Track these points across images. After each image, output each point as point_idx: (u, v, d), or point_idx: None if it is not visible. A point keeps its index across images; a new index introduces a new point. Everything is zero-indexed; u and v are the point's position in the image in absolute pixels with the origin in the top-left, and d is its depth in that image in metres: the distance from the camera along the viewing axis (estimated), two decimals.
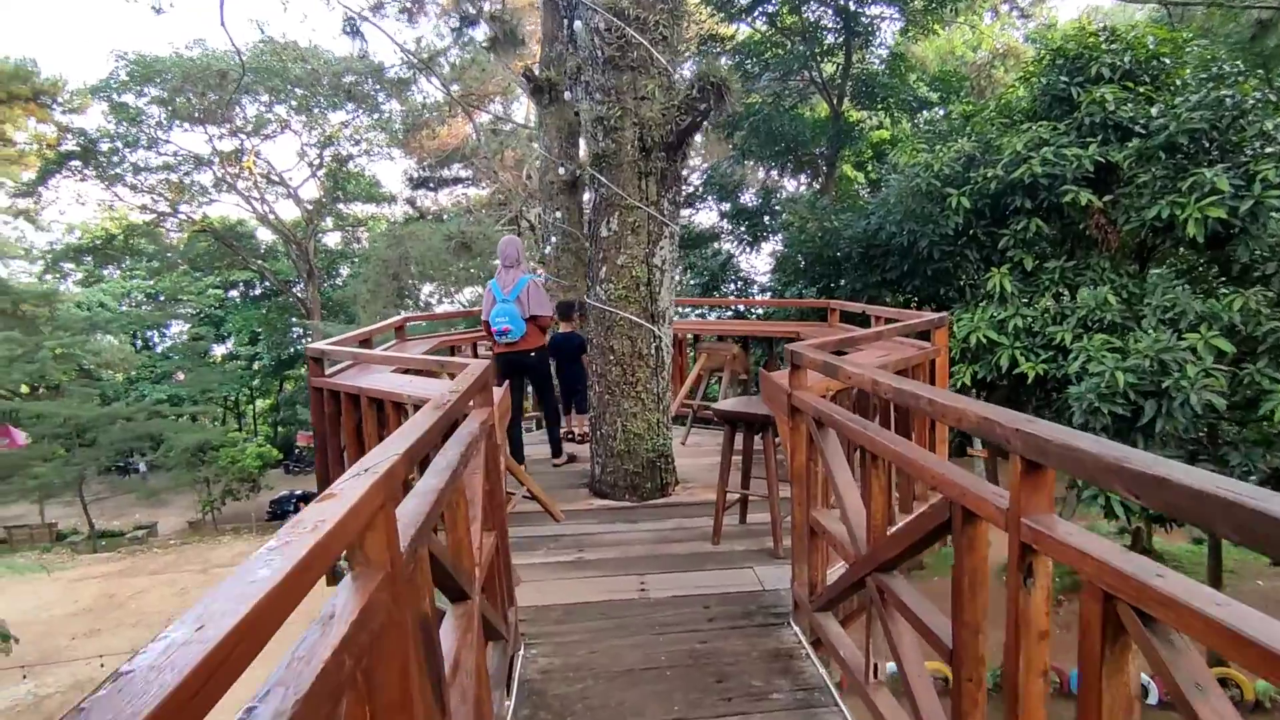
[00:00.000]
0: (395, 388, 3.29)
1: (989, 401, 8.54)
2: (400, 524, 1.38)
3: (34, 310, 24.47)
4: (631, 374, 4.54)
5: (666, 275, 4.63)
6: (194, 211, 28.44)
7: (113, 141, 24.32)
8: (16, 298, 23.83)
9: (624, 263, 4.50)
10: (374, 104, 24.31)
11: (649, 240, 4.52)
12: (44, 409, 24.05)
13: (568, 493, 4.82)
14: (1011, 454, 1.35)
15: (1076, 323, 7.68)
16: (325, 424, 3.64)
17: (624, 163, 4.47)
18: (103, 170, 25.24)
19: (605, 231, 4.57)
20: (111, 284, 36.00)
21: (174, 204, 26.11)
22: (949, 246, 8.81)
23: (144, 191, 26.71)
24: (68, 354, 25.59)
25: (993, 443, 1.43)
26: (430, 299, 31.82)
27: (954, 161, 8.77)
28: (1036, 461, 1.29)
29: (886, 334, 3.52)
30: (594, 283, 4.67)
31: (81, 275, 35.69)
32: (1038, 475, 1.32)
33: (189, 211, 28.29)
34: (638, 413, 4.56)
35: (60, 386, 26.49)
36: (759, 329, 6.03)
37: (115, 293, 35.94)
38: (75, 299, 33.11)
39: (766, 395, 3.21)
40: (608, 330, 4.56)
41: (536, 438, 6.58)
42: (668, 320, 4.68)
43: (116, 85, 23.17)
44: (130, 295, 36.64)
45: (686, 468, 5.17)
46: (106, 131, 24.12)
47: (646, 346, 4.56)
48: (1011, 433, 1.34)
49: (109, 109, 24.01)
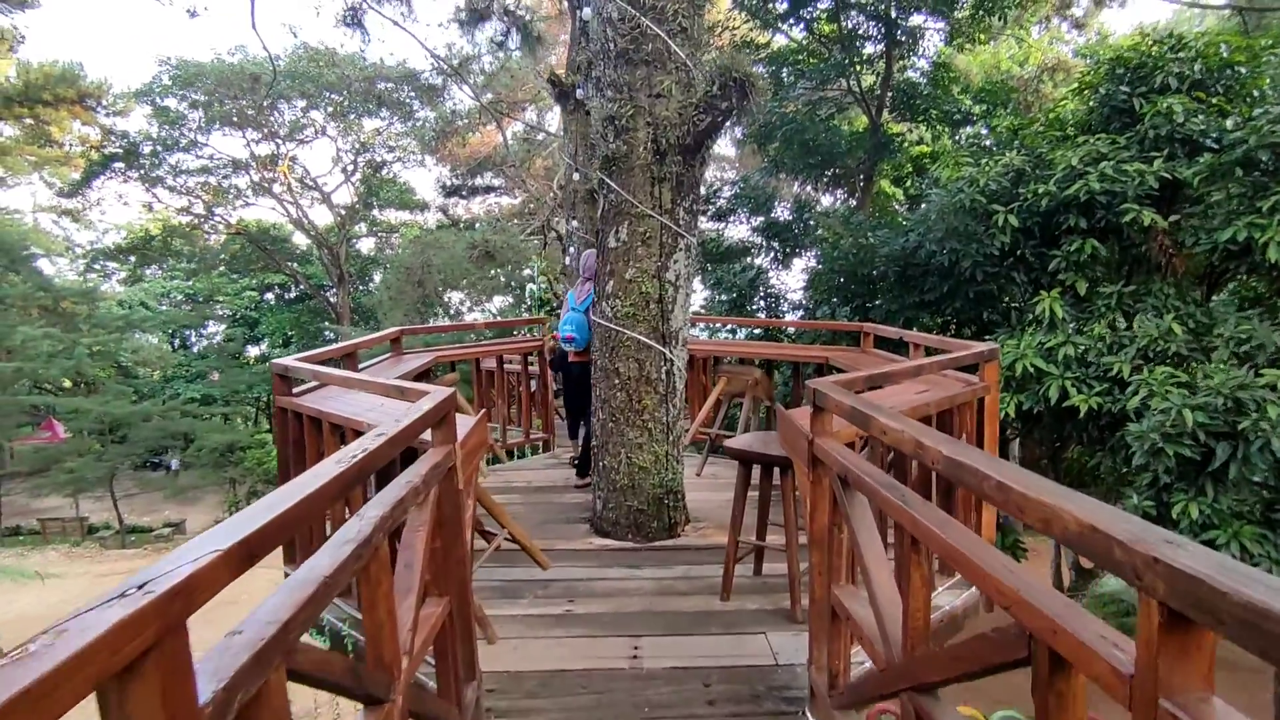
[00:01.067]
0: (359, 414, 2.89)
1: (1034, 436, 7.94)
2: (228, 651, 0.95)
3: (73, 308, 24.98)
4: (638, 400, 4.09)
5: (681, 292, 4.18)
6: (230, 215, 28.89)
7: (154, 144, 24.78)
8: (57, 295, 24.35)
9: (633, 277, 4.06)
10: (408, 111, 24.41)
11: (661, 252, 4.08)
12: (80, 404, 24.45)
13: (566, 529, 4.38)
14: (1141, 592, 0.87)
15: (1136, 353, 7.03)
16: (289, 449, 3.26)
17: (635, 166, 4.04)
18: (145, 172, 25.73)
19: (614, 242, 4.14)
20: (153, 284, 36.84)
21: (209, 206, 26.49)
22: (994, 267, 8.20)
23: (183, 193, 27.18)
24: (105, 351, 26.02)
25: (1104, 567, 0.94)
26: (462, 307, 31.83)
27: (1001, 176, 8.18)
28: (1190, 617, 0.81)
29: (929, 368, 3.02)
30: (600, 298, 4.24)
31: (124, 274, 36.61)
32: (1191, 635, 0.83)
33: (225, 214, 28.73)
34: (644, 444, 4.10)
35: (95, 383, 26.98)
36: (784, 352, 5.54)
37: (155, 292, 36.78)
38: (118, 298, 33.93)
39: (785, 439, 2.73)
40: (613, 351, 4.12)
41: (540, 461, 6.15)
42: (681, 341, 4.22)
43: (159, 89, 23.62)
44: (169, 295, 37.48)
45: (700, 503, 4.70)
46: (147, 134, 24.58)
47: (656, 370, 4.10)
48: (1144, 562, 0.86)
49: (152, 112, 24.49)
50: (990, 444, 3.42)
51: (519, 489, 5.20)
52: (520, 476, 5.52)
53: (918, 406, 2.88)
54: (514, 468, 5.85)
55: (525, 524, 4.38)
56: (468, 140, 23.17)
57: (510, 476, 5.50)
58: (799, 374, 5.65)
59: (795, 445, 2.49)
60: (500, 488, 5.21)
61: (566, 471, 5.67)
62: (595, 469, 4.32)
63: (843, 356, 5.07)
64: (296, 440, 3.20)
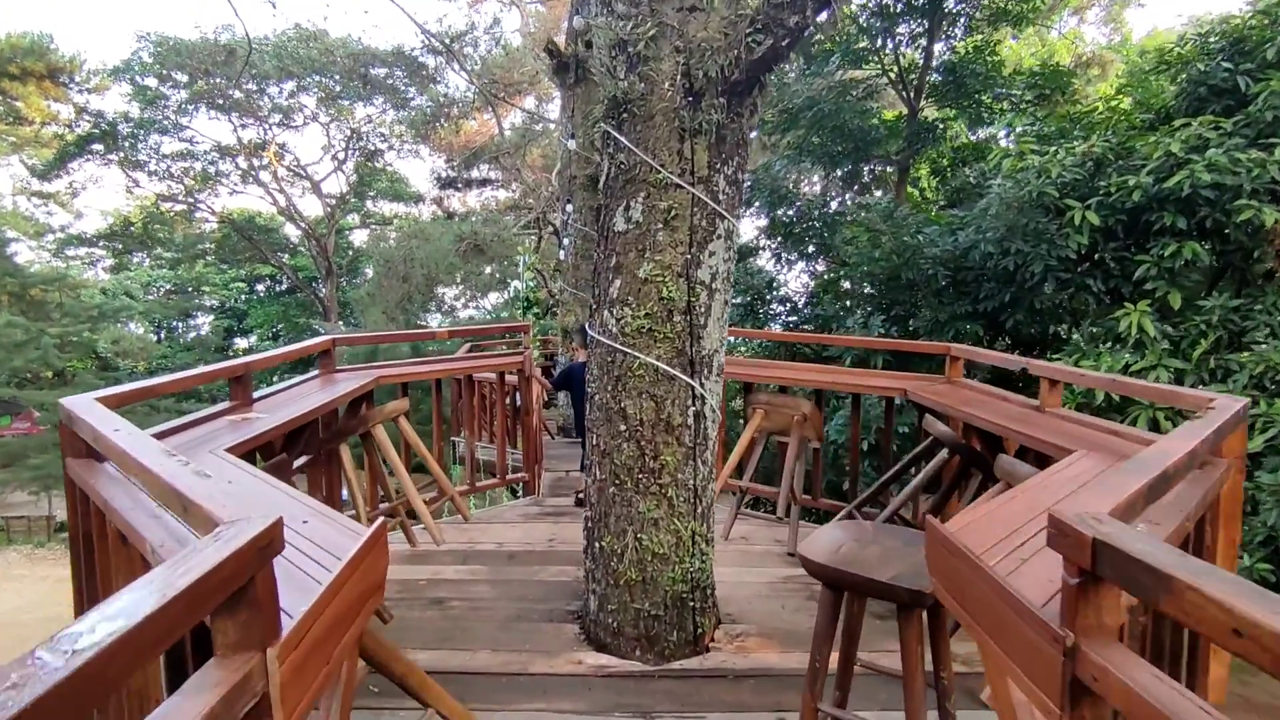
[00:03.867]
0: (139, 520, 1.59)
1: None
2: None
3: (42, 296, 23.65)
4: (654, 455, 2.80)
5: (717, 299, 2.89)
6: (216, 203, 27.57)
7: (132, 126, 23.44)
8: (25, 281, 23.01)
9: (650, 275, 2.78)
10: (401, 98, 23.11)
11: (692, 240, 2.79)
12: (44, 398, 23.09)
13: (546, 631, 3.08)
14: None
15: (1248, 382, 5.79)
16: (80, 549, 1.97)
17: (657, 113, 2.75)
18: (126, 155, 24.40)
19: (621, 223, 2.85)
20: (138, 272, 35.68)
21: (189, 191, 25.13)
22: (1066, 273, 6.93)
23: (165, 179, 25.84)
24: (76, 341, 24.65)
25: None
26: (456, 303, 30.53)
27: (1077, 166, 6.91)
28: None
29: (1199, 451, 1.69)
30: (599, 304, 2.95)
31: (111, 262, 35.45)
32: None
33: (210, 202, 27.40)
34: (661, 519, 2.81)
35: (66, 374, 25.64)
36: (843, 380, 4.23)
37: (141, 281, 35.63)
38: (101, 286, 32.67)
39: (947, 580, 1.45)
40: (617, 383, 2.83)
41: (519, 509, 4.85)
42: (715, 370, 2.93)
43: (138, 67, 22.29)
44: (155, 285, 36.31)
45: (731, 587, 3.42)
46: (125, 114, 23.25)
47: (681, 411, 2.81)
48: None
49: (131, 92, 23.18)
50: (1228, 556, 2.14)
51: (484, 555, 3.91)
52: (489, 534, 4.22)
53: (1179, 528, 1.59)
54: (483, 519, 4.55)
55: (487, 622, 3.09)
56: (462, 127, 21.87)
57: (475, 534, 4.20)
58: (859, 408, 4.36)
59: (1002, 628, 1.20)
60: (459, 551, 3.92)
61: (551, 527, 4.37)
62: (589, 552, 3.03)
63: (927, 390, 3.78)
64: (88, 535, 1.93)
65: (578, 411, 4.80)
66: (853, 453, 4.36)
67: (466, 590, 3.44)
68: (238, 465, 2.09)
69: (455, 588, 3.46)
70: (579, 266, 8.93)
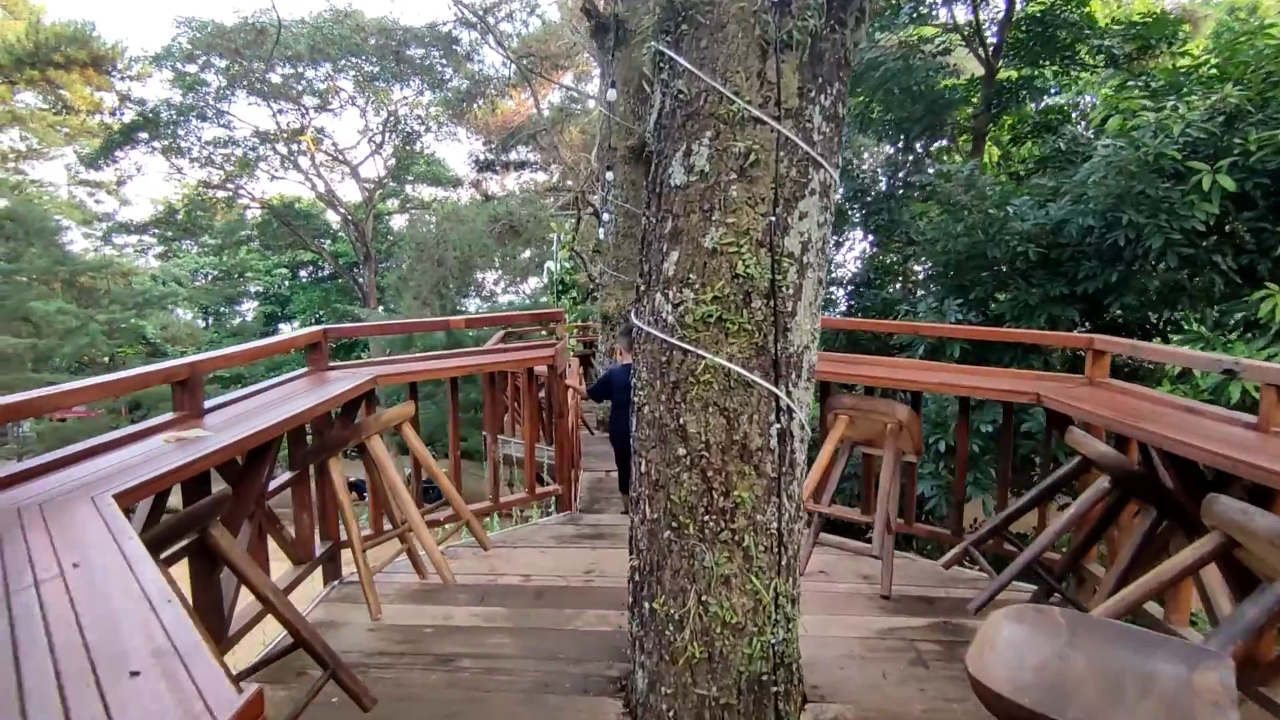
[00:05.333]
0: None
1: None
2: None
3: (91, 283, 24.00)
4: (725, 490, 2.06)
5: (810, 276, 2.12)
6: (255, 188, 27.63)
7: (174, 112, 23.49)
8: (74, 268, 23.35)
9: (719, 244, 2.02)
10: (437, 79, 22.59)
11: (777, 196, 2.03)
12: None
13: (582, 710, 2.38)
14: None
15: None
16: None
17: (729, 21, 1.99)
18: (171, 143, 24.52)
19: (681, 175, 2.09)
20: (186, 259, 36.37)
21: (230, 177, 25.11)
22: (1189, 248, 5.92)
23: (207, 165, 25.93)
24: (124, 328, 24.99)
25: None
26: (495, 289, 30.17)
27: (1205, 122, 5.87)
28: None
29: None
30: (649, 285, 2.20)
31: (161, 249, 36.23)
32: None
33: (250, 188, 27.46)
34: (734, 576, 2.08)
35: (116, 359, 26.08)
36: (962, 382, 3.37)
37: (189, 268, 36.35)
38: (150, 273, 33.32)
39: None
40: (674, 392, 2.09)
41: (550, 529, 4.17)
42: (806, 372, 2.17)
43: (179, 53, 22.25)
44: (202, 272, 37.00)
45: (815, 647, 2.68)
46: (167, 101, 23.30)
47: (761, 430, 2.07)
48: None
49: (172, 78, 23.20)
50: None
51: (507, 591, 3.22)
52: (513, 562, 3.54)
53: None
54: (507, 541, 3.86)
55: (505, 690, 2.42)
56: (499, 107, 21.25)
57: (497, 562, 3.52)
58: (967, 413, 3.51)
59: None
60: (476, 587, 3.26)
61: (589, 554, 3.67)
62: (636, 611, 2.31)
63: (1067, 394, 2.94)
64: None
65: (618, 431, 4.09)
66: (959, 471, 3.55)
67: (482, 642, 2.77)
68: (107, 537, 1.40)
69: (469, 639, 2.79)
70: (620, 246, 8.20)
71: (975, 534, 3.01)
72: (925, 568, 3.50)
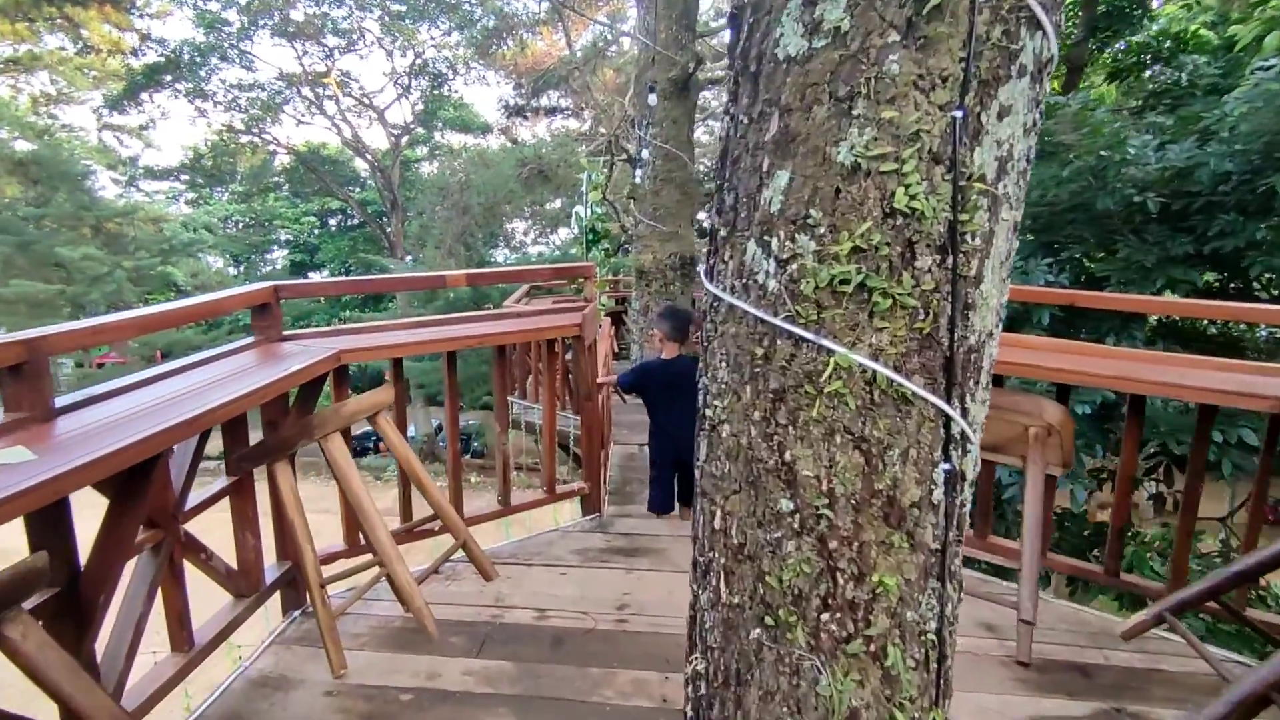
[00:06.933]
0: None
1: None
2: None
3: (118, 228, 23.73)
4: (859, 571, 1.25)
5: (1004, 216, 1.25)
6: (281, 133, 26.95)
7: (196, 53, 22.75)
8: (100, 214, 23.07)
9: (864, 157, 1.16)
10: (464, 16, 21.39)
11: (967, 74, 1.14)
12: None
13: None
14: None
15: None
16: None
17: None
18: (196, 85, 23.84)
19: (797, 38, 1.21)
20: (216, 206, 36.22)
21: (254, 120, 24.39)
22: None
23: (231, 109, 25.25)
24: (151, 274, 24.79)
25: None
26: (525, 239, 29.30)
27: None
28: None
29: None
30: (732, 229, 1.34)
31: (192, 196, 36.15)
32: None
33: (276, 133, 26.76)
34: (865, 710, 1.28)
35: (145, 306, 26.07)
36: (1190, 382, 2.38)
37: (219, 215, 36.25)
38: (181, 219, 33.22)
39: None
40: (776, 405, 1.26)
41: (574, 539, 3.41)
42: (985, 376, 1.32)
43: None
44: (231, 219, 36.85)
45: None
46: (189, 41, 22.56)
47: (921, 474, 1.24)
48: None
49: (193, 15, 22.41)
50: None
51: (514, 635, 2.49)
52: (522, 590, 2.79)
53: None
54: (517, 557, 3.09)
55: None
56: (529, 46, 20.03)
57: (503, 588, 2.78)
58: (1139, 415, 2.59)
59: None
60: (474, 628, 2.53)
61: (623, 577, 2.91)
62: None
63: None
64: None
65: (660, 445, 3.27)
66: (1120, 492, 2.66)
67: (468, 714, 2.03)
68: None
69: (457, 715, 2.06)
70: (660, 192, 7.25)
71: (1176, 597, 2.15)
72: (1065, 614, 2.66)
